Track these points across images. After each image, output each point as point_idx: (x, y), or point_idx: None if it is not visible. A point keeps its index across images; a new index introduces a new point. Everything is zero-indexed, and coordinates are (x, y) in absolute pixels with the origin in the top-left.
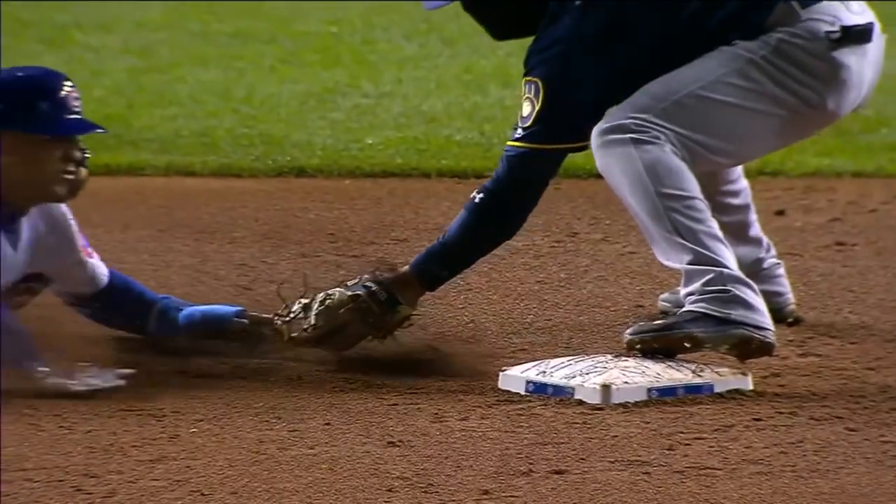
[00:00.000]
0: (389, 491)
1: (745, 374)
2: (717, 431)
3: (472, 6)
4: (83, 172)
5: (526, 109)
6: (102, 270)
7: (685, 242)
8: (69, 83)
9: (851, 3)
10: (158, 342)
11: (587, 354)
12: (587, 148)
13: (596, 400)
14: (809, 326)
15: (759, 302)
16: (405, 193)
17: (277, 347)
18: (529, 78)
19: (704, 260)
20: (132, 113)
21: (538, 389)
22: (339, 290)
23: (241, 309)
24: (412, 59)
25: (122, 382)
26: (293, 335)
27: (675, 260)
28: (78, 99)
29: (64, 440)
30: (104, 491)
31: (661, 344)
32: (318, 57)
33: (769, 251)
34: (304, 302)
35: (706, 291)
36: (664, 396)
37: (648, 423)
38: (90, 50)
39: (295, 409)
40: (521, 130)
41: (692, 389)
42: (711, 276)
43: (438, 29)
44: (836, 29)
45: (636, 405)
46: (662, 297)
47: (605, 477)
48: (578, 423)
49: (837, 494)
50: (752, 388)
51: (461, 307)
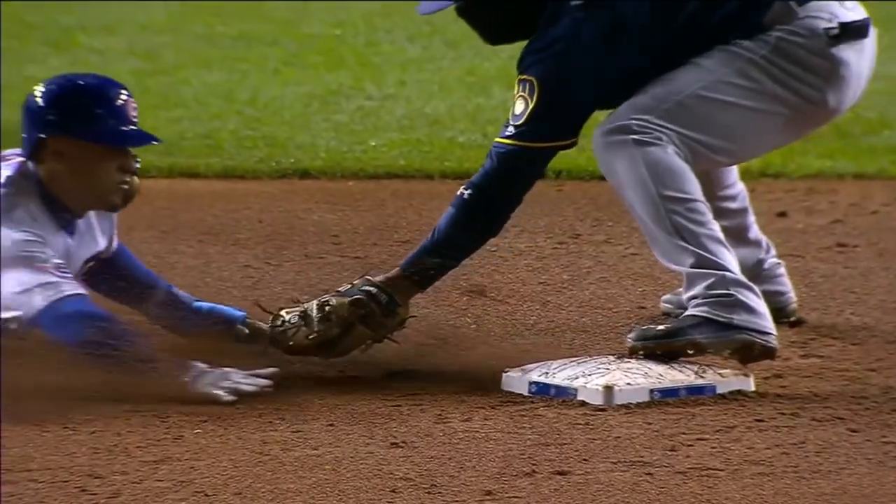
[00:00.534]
0: (393, 492)
1: (747, 375)
2: (719, 432)
3: (465, 11)
4: (136, 181)
5: (519, 107)
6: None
7: (687, 245)
8: (126, 92)
9: (845, 0)
10: (159, 323)
11: (590, 356)
12: (576, 145)
13: (598, 401)
14: (811, 328)
15: (761, 306)
16: (408, 195)
17: (275, 355)
18: (524, 76)
19: (707, 263)
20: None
21: (541, 391)
22: (333, 296)
23: (245, 315)
24: (415, 61)
25: (269, 383)
26: (293, 343)
27: (677, 263)
28: (135, 108)
29: (68, 441)
30: (108, 492)
31: (663, 350)
32: (321, 59)
33: (769, 252)
34: (299, 311)
35: (709, 295)
36: (666, 397)
37: (651, 424)
38: (95, 52)
39: (298, 410)
40: (512, 128)
41: (694, 391)
42: (714, 279)
43: (442, 31)
44: (834, 25)
45: (638, 406)
46: (664, 298)
47: (607, 478)
48: (581, 424)
49: (839, 495)
50: (754, 389)
51: (464, 309)
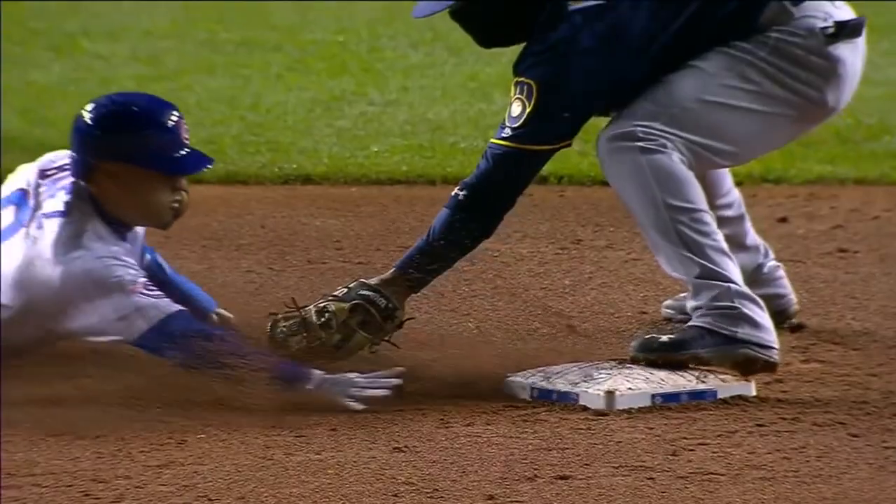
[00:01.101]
0: (395, 496)
1: (748, 380)
2: (720, 437)
3: (460, 14)
4: (186, 198)
5: (516, 109)
6: None
7: (692, 256)
8: (177, 113)
9: (835, 0)
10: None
11: (591, 361)
12: (570, 146)
13: (600, 406)
14: (812, 333)
15: (765, 319)
16: (411, 200)
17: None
18: (522, 79)
19: (712, 275)
20: None
21: (542, 395)
22: (331, 302)
23: (216, 304)
24: (418, 67)
25: (397, 382)
26: (294, 351)
27: (681, 273)
28: (187, 129)
29: (72, 445)
30: (112, 496)
31: (665, 361)
32: (324, 65)
33: (767, 255)
34: (298, 318)
35: (714, 307)
36: (668, 402)
37: (652, 428)
38: (98, 58)
39: (301, 415)
40: (508, 130)
41: (696, 395)
42: (719, 291)
43: (444, 38)
44: (829, 24)
45: (640, 411)
46: (666, 303)
47: (609, 482)
48: (583, 428)
49: (840, 500)
50: (755, 394)
51: (466, 314)
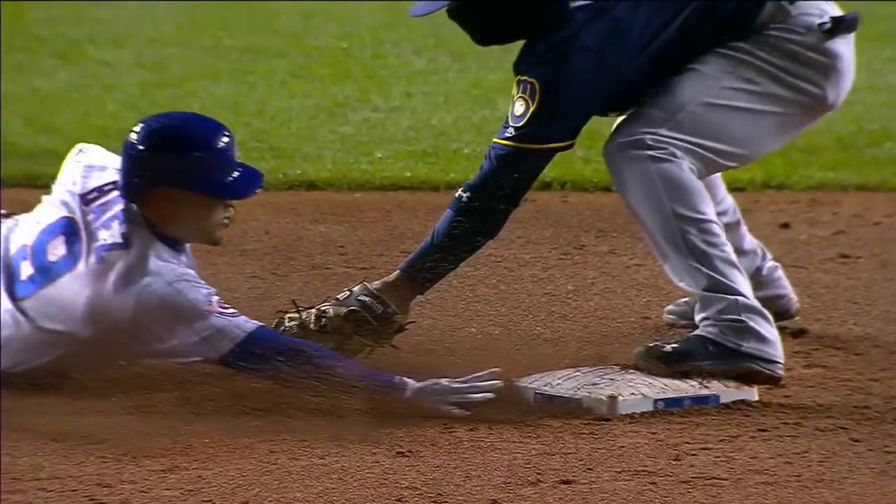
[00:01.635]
0: (399, 501)
1: (750, 385)
2: (722, 442)
3: (457, 12)
4: (233, 213)
5: (519, 108)
6: None
7: (700, 267)
8: (227, 132)
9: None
10: None
11: (594, 366)
12: (573, 146)
13: (603, 411)
14: (814, 338)
15: (771, 332)
16: (414, 206)
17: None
18: (525, 78)
19: (720, 287)
20: None
21: (546, 400)
22: (331, 306)
23: None
24: (421, 73)
25: (497, 384)
26: None
27: (689, 284)
28: (236, 147)
29: (77, 449)
30: (117, 500)
31: (669, 372)
32: (328, 71)
33: (765, 258)
34: (298, 321)
35: (720, 319)
36: (670, 407)
37: (655, 433)
38: (104, 65)
39: (305, 419)
40: (512, 129)
41: (698, 400)
42: (727, 304)
43: (447, 44)
44: (826, 20)
45: (643, 416)
46: (667, 309)
47: (612, 487)
48: (586, 433)
49: None
50: (757, 398)
51: (469, 319)
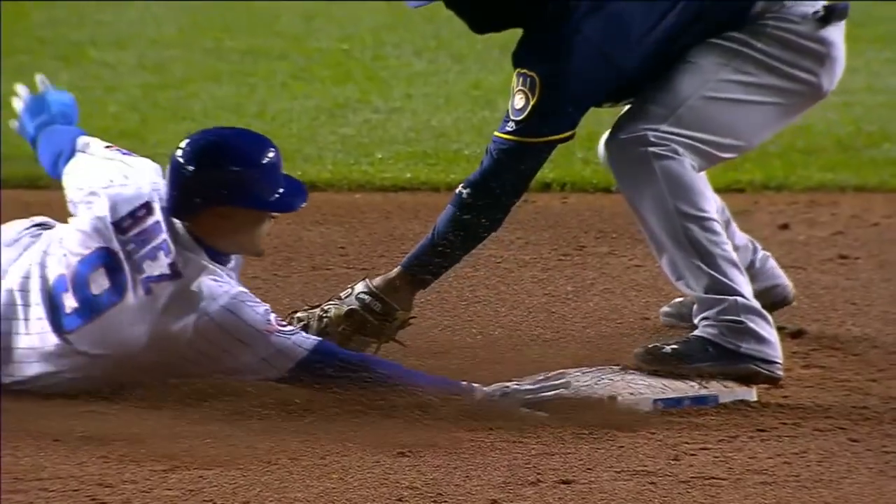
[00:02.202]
0: (399, 500)
1: (749, 385)
2: (721, 442)
3: (453, 1)
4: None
5: (519, 102)
6: None
7: (702, 266)
8: (273, 146)
9: None
10: None
11: (594, 366)
12: (574, 137)
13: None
14: (813, 338)
15: (770, 333)
16: (415, 207)
17: None
18: (525, 71)
19: (720, 288)
20: (146, 128)
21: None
22: (333, 305)
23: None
24: (422, 75)
25: (566, 382)
26: None
27: (688, 283)
28: (281, 160)
29: (79, 449)
30: (119, 500)
31: (668, 373)
32: (329, 73)
33: (756, 251)
34: (300, 318)
35: (720, 320)
36: (670, 407)
37: (654, 433)
38: (105, 66)
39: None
40: (513, 123)
41: (697, 401)
42: (726, 304)
43: (447, 46)
44: (819, 9)
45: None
46: (663, 310)
47: (611, 486)
48: (585, 433)
49: None
50: (756, 399)
51: (469, 319)
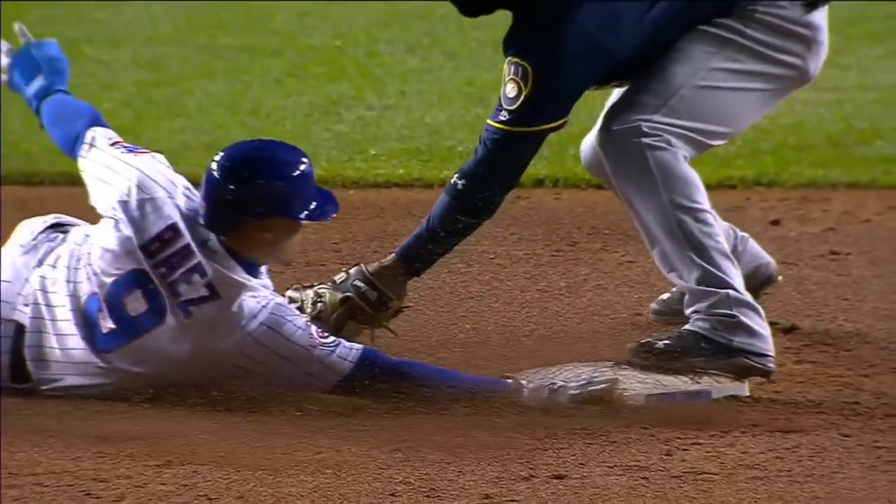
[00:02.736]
0: (392, 496)
1: (741, 381)
2: (714, 437)
3: None
4: None
5: (512, 91)
6: None
7: (695, 258)
8: (306, 157)
9: None
10: None
11: (587, 362)
12: (565, 126)
13: None
14: (805, 334)
15: (762, 326)
16: (408, 204)
17: None
18: (517, 60)
19: (713, 281)
20: (141, 125)
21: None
22: (328, 290)
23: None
24: (415, 72)
25: (614, 377)
26: None
27: (680, 275)
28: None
29: (74, 445)
30: (113, 495)
31: (662, 368)
32: (323, 70)
33: (736, 236)
34: (292, 298)
35: (712, 314)
36: (662, 403)
37: (647, 428)
38: (100, 63)
39: (300, 414)
40: (506, 113)
41: (690, 396)
42: (718, 298)
43: (441, 43)
44: None
45: None
46: (652, 308)
47: (604, 482)
48: (578, 428)
49: (832, 499)
50: (748, 394)
51: (463, 315)
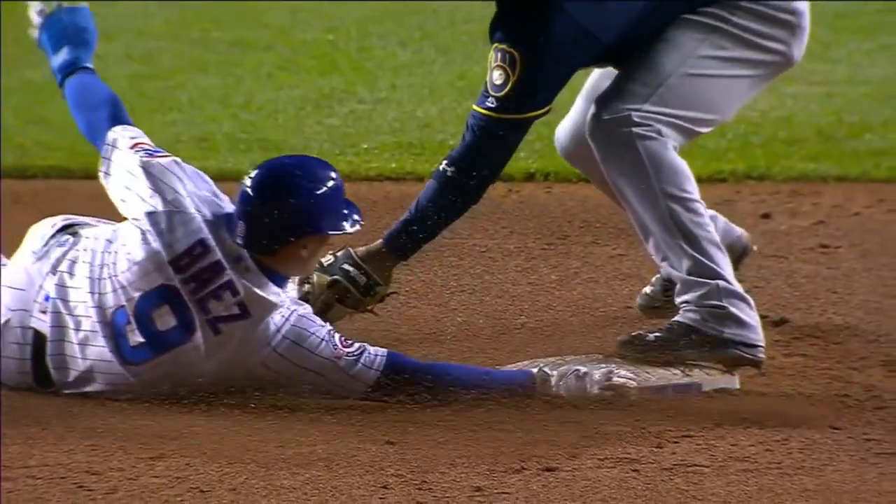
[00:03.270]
0: (384, 488)
1: (732, 373)
2: (704, 430)
3: None
4: None
5: (498, 78)
6: None
7: (686, 248)
8: (334, 169)
9: None
10: None
11: (578, 355)
12: (550, 112)
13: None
14: (794, 327)
15: (752, 317)
16: (400, 197)
17: None
18: (504, 47)
19: (704, 271)
20: (133, 118)
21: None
22: (316, 272)
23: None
24: (407, 66)
25: (633, 375)
26: None
27: (672, 265)
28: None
29: (67, 438)
30: (105, 488)
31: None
32: (314, 64)
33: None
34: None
35: (702, 305)
36: (653, 395)
37: (638, 421)
38: (94, 57)
39: (292, 407)
40: (493, 99)
41: (681, 388)
42: (708, 289)
43: (433, 37)
44: None
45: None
46: (639, 303)
47: (595, 474)
48: (569, 421)
49: (822, 491)
50: (738, 387)
51: (454, 308)
